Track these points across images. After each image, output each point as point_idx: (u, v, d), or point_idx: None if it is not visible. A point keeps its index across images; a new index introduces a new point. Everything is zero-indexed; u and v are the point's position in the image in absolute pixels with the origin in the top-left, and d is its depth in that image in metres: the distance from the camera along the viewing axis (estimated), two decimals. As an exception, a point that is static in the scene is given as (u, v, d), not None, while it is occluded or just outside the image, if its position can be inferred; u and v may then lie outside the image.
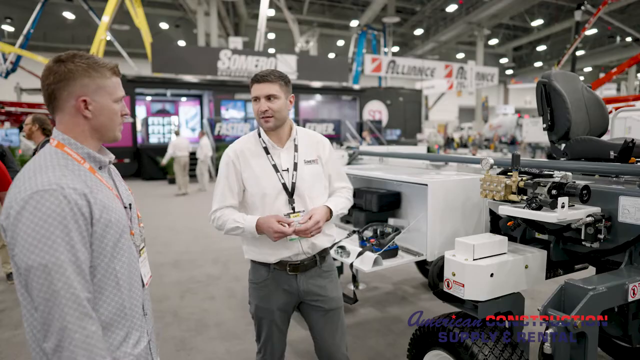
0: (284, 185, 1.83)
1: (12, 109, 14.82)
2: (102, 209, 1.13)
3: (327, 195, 1.97)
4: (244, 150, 1.86)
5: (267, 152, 1.86)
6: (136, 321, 1.24)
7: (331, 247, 2.62)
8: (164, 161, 11.12)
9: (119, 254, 1.18)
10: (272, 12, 21.62)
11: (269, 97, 1.78)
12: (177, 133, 11.46)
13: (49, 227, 1.03)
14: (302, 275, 1.88)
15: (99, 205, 1.12)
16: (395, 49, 31.67)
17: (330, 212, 1.86)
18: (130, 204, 1.31)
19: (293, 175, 1.85)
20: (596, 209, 1.80)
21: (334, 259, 3.05)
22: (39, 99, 15.68)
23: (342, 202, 1.97)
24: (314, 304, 1.92)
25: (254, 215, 1.80)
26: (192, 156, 14.58)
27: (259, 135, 1.90)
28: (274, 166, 1.84)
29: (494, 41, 32.28)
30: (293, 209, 1.83)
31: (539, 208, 1.73)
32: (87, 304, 1.08)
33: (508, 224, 2.07)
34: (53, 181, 1.06)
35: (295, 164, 1.86)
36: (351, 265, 2.44)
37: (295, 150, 1.89)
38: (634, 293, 1.64)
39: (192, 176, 14.03)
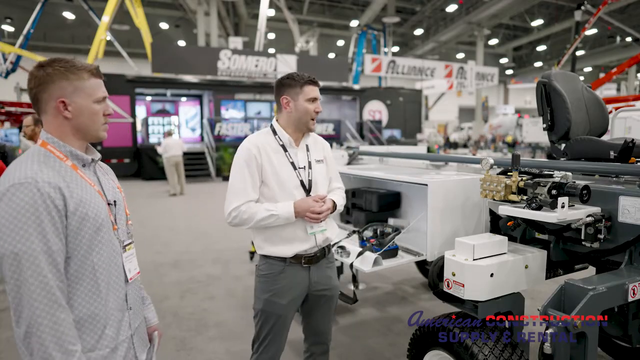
0: (302, 182, 1.91)
1: (12, 109, 14.81)
2: (79, 202, 1.20)
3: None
4: (265, 145, 1.89)
5: (285, 150, 1.92)
6: (116, 314, 1.29)
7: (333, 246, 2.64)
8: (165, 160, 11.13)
9: (98, 247, 1.24)
10: (272, 12, 21.61)
11: (319, 101, 1.94)
12: (169, 133, 11.47)
13: (21, 217, 1.10)
14: (314, 267, 1.95)
15: (75, 199, 1.19)
16: (395, 49, 31.66)
17: (335, 206, 1.97)
18: (115, 201, 1.36)
19: (309, 173, 1.94)
20: (596, 209, 1.80)
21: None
22: (39, 99, 15.62)
23: (341, 201, 2.08)
24: (320, 293, 2.00)
25: (287, 202, 1.84)
26: (191, 156, 14.65)
27: (275, 133, 1.95)
28: (292, 164, 1.91)
29: (494, 41, 32.28)
30: None
31: (539, 208, 1.73)
32: (59, 292, 1.14)
33: (508, 224, 2.07)
34: (29, 175, 1.14)
35: (310, 163, 1.96)
36: (351, 265, 2.44)
37: (307, 150, 1.99)
38: (634, 293, 1.64)
39: (188, 176, 14.03)
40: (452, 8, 25.28)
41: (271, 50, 20.56)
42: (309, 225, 1.89)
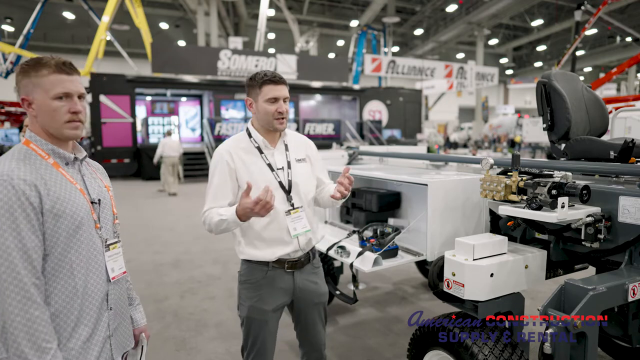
0: (280, 183, 1.85)
1: (12, 109, 14.83)
2: (55, 200, 1.20)
3: (315, 193, 2.03)
4: (238, 150, 1.85)
5: (261, 152, 1.87)
6: (91, 313, 1.28)
7: (329, 249, 2.63)
8: (155, 160, 11.10)
9: (76, 246, 1.24)
10: (272, 12, 21.61)
11: (285, 99, 1.84)
12: (169, 133, 11.50)
13: None
14: (298, 272, 1.90)
15: (52, 197, 1.19)
16: (395, 49, 31.66)
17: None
18: (100, 200, 1.35)
19: (288, 173, 1.88)
20: (596, 209, 1.80)
21: (334, 259, 3.06)
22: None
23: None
24: (307, 299, 1.95)
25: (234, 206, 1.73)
26: (191, 156, 14.65)
27: (249, 136, 1.90)
28: (269, 165, 1.85)
29: (494, 41, 32.29)
30: (292, 205, 1.85)
31: (539, 208, 1.73)
32: (33, 289, 1.14)
33: (508, 224, 2.07)
34: (5, 172, 1.15)
35: (289, 163, 1.90)
36: (351, 265, 2.44)
37: (286, 149, 1.93)
38: (634, 293, 1.64)
39: (188, 176, 14.04)
40: (452, 8, 25.29)
41: (271, 50, 20.57)
42: (292, 226, 1.83)
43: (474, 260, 1.79)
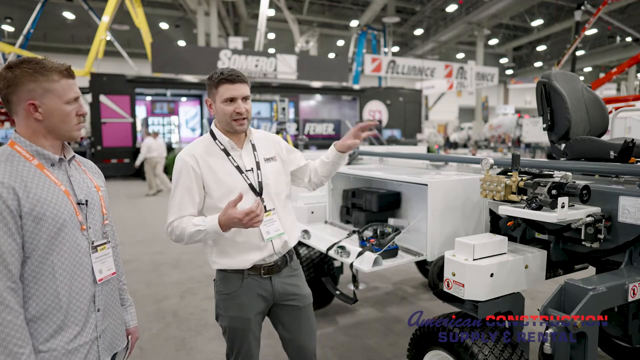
0: (251, 185, 1.76)
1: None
2: (36, 203, 1.19)
3: (289, 190, 1.95)
4: (202, 154, 1.74)
5: (227, 154, 1.78)
6: (76, 315, 1.27)
7: (329, 249, 2.63)
8: (137, 163, 11.02)
9: (58, 248, 1.23)
10: (272, 12, 21.60)
11: (245, 98, 1.73)
12: (155, 134, 11.51)
13: None
14: (276, 277, 1.83)
15: (32, 199, 1.19)
16: (395, 49, 31.65)
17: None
18: (87, 201, 1.34)
19: (258, 174, 1.79)
20: (596, 209, 1.80)
21: (334, 259, 3.06)
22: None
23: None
24: (289, 304, 1.88)
25: (213, 215, 1.65)
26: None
27: (214, 138, 1.80)
28: (237, 167, 1.77)
29: (494, 41, 32.28)
30: (264, 207, 1.76)
31: (539, 208, 1.73)
32: (7, 293, 1.13)
33: (508, 224, 2.07)
34: None
35: (258, 163, 1.82)
36: (351, 265, 2.43)
37: (254, 149, 1.85)
38: (634, 293, 1.64)
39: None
40: (452, 8, 25.28)
41: (271, 50, 20.55)
42: (264, 230, 1.75)
43: (474, 260, 1.79)
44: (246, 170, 1.78)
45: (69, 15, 23.65)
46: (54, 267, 1.22)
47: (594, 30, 24.21)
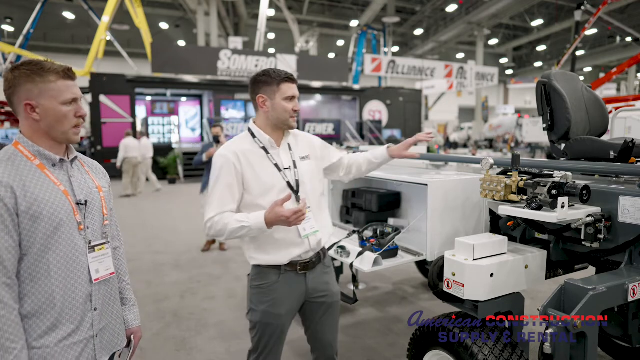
0: (288, 183, 1.81)
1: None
2: (33, 202, 1.21)
3: (323, 188, 2.01)
4: (243, 151, 1.79)
5: (267, 152, 1.83)
6: (71, 313, 1.28)
7: (329, 249, 2.63)
8: (118, 163, 10.91)
9: (54, 247, 1.25)
10: (272, 12, 21.60)
11: (298, 98, 1.85)
12: (139, 134, 11.50)
13: None
14: (310, 273, 1.88)
15: (29, 198, 1.21)
16: (395, 49, 31.65)
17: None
18: (86, 201, 1.35)
19: (295, 172, 1.85)
20: (596, 209, 1.80)
21: (334, 259, 3.06)
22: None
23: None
24: (319, 300, 1.93)
25: (258, 212, 1.71)
26: (192, 156, 14.64)
27: (253, 136, 1.85)
28: (276, 165, 1.81)
29: (494, 41, 32.27)
30: None
31: (539, 208, 1.73)
32: (2, 289, 1.15)
33: (508, 224, 2.07)
34: None
35: (294, 162, 1.87)
36: (351, 265, 2.44)
37: (290, 148, 1.90)
38: (633, 293, 1.64)
39: (188, 176, 14.03)
40: (452, 8, 25.28)
41: (271, 50, 20.56)
42: (301, 227, 1.80)
43: (474, 260, 1.79)
44: (284, 169, 1.83)
45: (69, 15, 23.65)
46: (49, 265, 1.24)
47: (594, 30, 24.21)
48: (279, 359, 1.94)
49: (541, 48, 33.41)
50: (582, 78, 2.59)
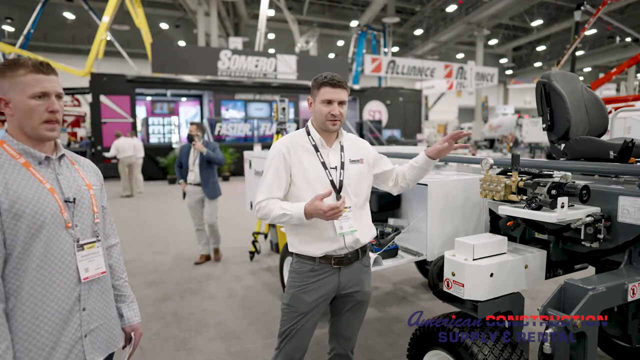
0: (332, 182, 1.88)
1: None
2: (15, 200, 1.20)
3: (369, 193, 2.04)
4: (296, 145, 1.90)
5: (317, 150, 1.91)
6: (56, 313, 1.26)
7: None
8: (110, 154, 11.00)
9: (39, 245, 1.23)
10: (272, 12, 21.61)
11: (341, 103, 1.88)
12: (130, 134, 11.49)
13: None
14: (345, 268, 1.92)
15: (12, 197, 1.19)
16: (395, 49, 31.66)
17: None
18: (75, 199, 1.33)
19: (341, 173, 1.92)
20: (596, 209, 1.80)
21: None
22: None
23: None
24: (348, 297, 1.98)
25: (300, 203, 1.82)
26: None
27: (308, 133, 1.95)
28: (323, 163, 1.90)
29: (493, 41, 32.28)
30: None
31: (538, 208, 1.73)
32: None
33: (508, 224, 2.08)
34: None
35: (343, 163, 1.94)
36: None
37: (342, 150, 1.96)
38: (633, 293, 1.65)
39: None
40: (452, 8, 25.29)
41: (271, 51, 20.57)
42: (338, 225, 1.86)
43: (473, 260, 1.80)
44: (330, 168, 1.91)
45: (69, 15, 23.66)
46: (32, 264, 1.22)
47: (594, 31, 24.23)
48: (301, 351, 1.96)
49: (541, 48, 33.42)
50: (581, 78, 2.59)
